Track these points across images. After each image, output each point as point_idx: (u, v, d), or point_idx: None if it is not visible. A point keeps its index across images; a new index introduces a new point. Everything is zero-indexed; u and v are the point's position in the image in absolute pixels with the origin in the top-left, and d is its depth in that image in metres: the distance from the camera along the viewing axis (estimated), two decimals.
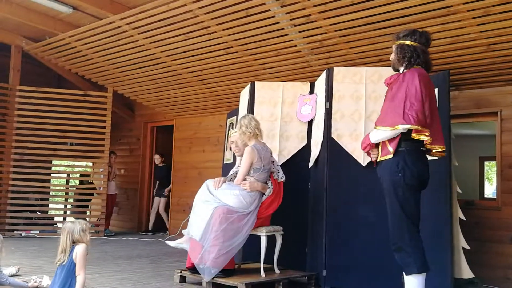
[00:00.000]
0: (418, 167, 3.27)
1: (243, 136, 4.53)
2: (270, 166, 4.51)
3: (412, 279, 3.19)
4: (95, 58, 7.76)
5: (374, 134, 3.37)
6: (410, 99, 3.16)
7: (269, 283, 4.31)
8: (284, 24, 5.57)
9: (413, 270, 3.17)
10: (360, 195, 4.63)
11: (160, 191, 9.21)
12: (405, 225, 3.24)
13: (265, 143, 4.63)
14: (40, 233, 8.02)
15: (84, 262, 3.40)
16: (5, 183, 8.14)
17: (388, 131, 3.24)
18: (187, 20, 6.04)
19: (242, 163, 4.44)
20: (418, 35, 3.43)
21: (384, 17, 4.98)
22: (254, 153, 4.36)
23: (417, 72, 3.28)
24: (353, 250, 4.54)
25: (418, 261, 3.15)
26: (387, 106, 3.32)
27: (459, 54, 5.18)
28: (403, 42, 3.42)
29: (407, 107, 3.15)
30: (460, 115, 5.66)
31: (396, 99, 3.23)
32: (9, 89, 8.28)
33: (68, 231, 3.43)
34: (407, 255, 3.19)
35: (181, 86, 7.89)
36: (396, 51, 3.46)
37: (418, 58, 3.37)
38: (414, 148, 3.27)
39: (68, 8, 6.76)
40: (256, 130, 4.50)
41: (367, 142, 3.43)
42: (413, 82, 3.22)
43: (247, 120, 4.53)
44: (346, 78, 4.87)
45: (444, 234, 4.21)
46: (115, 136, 9.69)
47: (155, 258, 6.12)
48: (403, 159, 3.25)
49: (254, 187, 4.34)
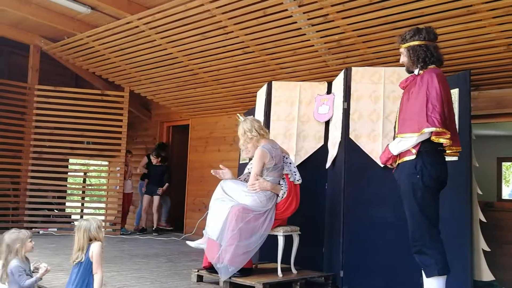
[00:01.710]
0: (436, 168, 3.24)
1: (249, 141, 4.45)
2: (282, 164, 4.46)
3: (433, 281, 3.16)
4: (112, 58, 7.82)
5: (398, 145, 3.29)
6: (432, 102, 3.13)
7: (286, 283, 4.31)
8: (302, 24, 5.56)
9: (433, 272, 3.14)
10: (377, 196, 4.60)
11: (152, 189, 9.05)
12: (425, 227, 3.21)
13: (273, 140, 4.59)
14: (58, 230, 8.11)
15: (100, 260, 3.41)
16: (23, 181, 8.24)
17: (414, 137, 3.18)
18: (204, 20, 6.05)
19: (253, 166, 4.40)
20: (425, 32, 3.37)
21: (402, 17, 4.94)
22: (265, 154, 4.32)
23: (435, 73, 3.25)
24: (370, 251, 4.51)
25: (440, 263, 3.12)
26: (409, 111, 3.26)
27: (479, 54, 5.12)
28: (413, 43, 3.37)
29: (430, 110, 3.11)
30: (480, 115, 5.59)
31: (417, 103, 3.19)
32: (28, 89, 8.37)
33: (85, 229, 3.44)
34: (428, 257, 3.16)
35: (197, 86, 7.91)
36: (408, 54, 3.40)
37: (432, 57, 3.33)
38: (432, 149, 3.24)
39: (87, 8, 6.82)
40: (261, 131, 4.44)
41: (389, 155, 3.36)
42: (433, 84, 3.18)
43: (248, 124, 4.46)
44: (364, 78, 4.84)
45: (464, 236, 4.17)
46: (131, 136, 9.75)
47: (171, 257, 6.14)
48: (421, 160, 3.22)
49: (264, 186, 4.31)
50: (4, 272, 3.63)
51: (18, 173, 8.25)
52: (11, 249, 3.62)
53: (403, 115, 3.30)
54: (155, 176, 9.11)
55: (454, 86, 4.30)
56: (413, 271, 4.03)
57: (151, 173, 9.16)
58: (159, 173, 9.11)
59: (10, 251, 3.63)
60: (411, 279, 4.19)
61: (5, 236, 3.66)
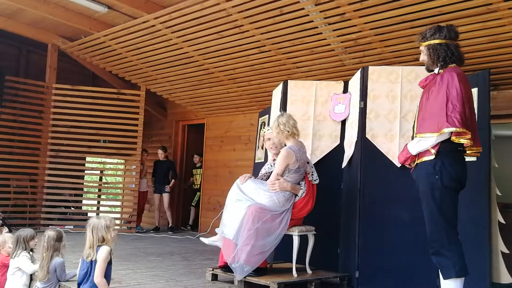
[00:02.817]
0: (456, 168, 3.18)
1: (280, 135, 4.40)
2: (304, 168, 4.41)
3: (450, 283, 3.11)
4: (129, 56, 7.87)
5: (417, 145, 3.24)
6: (452, 101, 3.07)
7: (301, 283, 4.28)
8: (318, 23, 5.53)
9: (451, 274, 3.08)
10: (394, 196, 4.55)
11: (160, 187, 9.05)
12: (443, 228, 3.15)
13: (302, 142, 4.54)
14: (74, 228, 8.18)
15: (104, 265, 3.44)
16: (41, 179, 8.34)
17: (434, 137, 3.12)
18: (220, 19, 6.05)
19: (277, 165, 4.35)
20: (446, 30, 3.30)
21: (420, 15, 4.89)
22: (291, 155, 4.26)
23: (455, 72, 3.19)
24: (386, 252, 4.46)
25: (457, 265, 3.07)
26: (428, 111, 3.21)
27: (498, 53, 5.05)
28: (433, 42, 3.31)
29: (450, 110, 3.05)
30: (499, 115, 5.51)
31: (437, 103, 3.13)
32: (46, 87, 8.47)
33: (93, 227, 3.50)
34: (445, 259, 3.10)
35: (213, 85, 7.92)
36: (428, 52, 3.34)
37: (453, 56, 3.27)
38: (452, 149, 3.18)
39: (104, 8, 6.86)
40: (294, 129, 4.38)
41: (407, 155, 3.32)
42: (453, 83, 3.12)
43: (285, 118, 4.40)
44: (381, 77, 4.79)
45: (482, 238, 4.10)
46: (147, 134, 9.80)
47: (186, 255, 6.15)
48: (441, 160, 3.16)
49: (284, 187, 4.27)
50: (44, 269, 3.78)
51: (36, 171, 8.35)
52: (52, 246, 3.79)
53: (423, 114, 3.25)
54: (161, 173, 9.11)
55: (473, 85, 4.21)
56: (430, 272, 3.98)
57: (157, 171, 9.17)
58: (165, 169, 9.10)
59: (51, 248, 3.79)
60: (428, 281, 4.14)
61: (46, 233, 3.82)
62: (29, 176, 8.40)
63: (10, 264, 4.14)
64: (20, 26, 7.96)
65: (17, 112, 8.30)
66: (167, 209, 9.02)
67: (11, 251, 4.21)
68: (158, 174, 9.14)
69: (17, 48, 9.22)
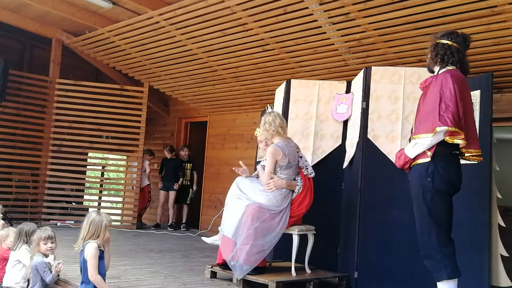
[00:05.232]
0: (449, 171, 3.18)
1: (266, 133, 4.42)
2: (297, 162, 4.39)
3: (443, 286, 3.12)
4: (133, 53, 7.87)
5: (414, 149, 3.24)
6: (445, 102, 3.08)
7: (300, 282, 4.28)
8: (322, 22, 5.52)
9: (443, 276, 3.09)
10: (394, 197, 4.54)
11: (168, 184, 9.04)
12: (434, 231, 3.15)
13: (290, 138, 4.52)
14: (75, 223, 8.20)
15: (95, 262, 3.44)
16: (43, 174, 8.35)
17: (429, 137, 3.13)
18: (225, 17, 6.05)
19: (266, 165, 4.35)
20: (455, 35, 3.33)
21: (424, 17, 4.88)
22: (278, 151, 4.26)
23: (449, 73, 3.20)
24: (386, 252, 4.46)
25: (449, 267, 3.07)
26: (423, 112, 3.22)
27: (502, 56, 5.03)
28: (439, 41, 3.33)
29: (443, 109, 3.07)
30: (501, 118, 5.49)
31: (430, 104, 3.15)
32: (49, 82, 8.49)
33: (92, 221, 3.55)
34: (436, 262, 3.11)
35: (216, 83, 7.92)
36: (430, 50, 3.39)
37: (452, 57, 3.27)
38: (446, 152, 3.18)
39: (108, 3, 6.86)
40: (280, 129, 4.36)
41: (406, 159, 3.30)
42: (447, 84, 3.14)
43: (271, 117, 4.41)
44: (384, 77, 4.79)
45: (482, 241, 4.09)
46: (149, 131, 9.81)
47: (186, 252, 6.16)
48: (434, 163, 3.16)
49: (279, 184, 4.25)
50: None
51: (38, 165, 8.37)
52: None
53: (419, 117, 3.27)
54: (169, 171, 9.12)
55: (475, 88, 4.22)
56: (429, 274, 3.96)
57: (165, 168, 9.18)
58: (173, 167, 9.10)
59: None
60: (427, 282, 4.12)
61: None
62: (31, 171, 8.42)
63: (10, 256, 4.15)
64: (24, 21, 7.96)
65: (20, 106, 8.32)
66: (172, 207, 9.05)
67: (12, 244, 4.22)
68: (166, 172, 9.16)
69: (21, 42, 9.21)
